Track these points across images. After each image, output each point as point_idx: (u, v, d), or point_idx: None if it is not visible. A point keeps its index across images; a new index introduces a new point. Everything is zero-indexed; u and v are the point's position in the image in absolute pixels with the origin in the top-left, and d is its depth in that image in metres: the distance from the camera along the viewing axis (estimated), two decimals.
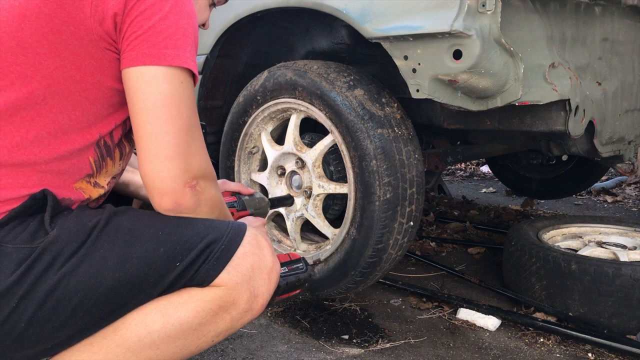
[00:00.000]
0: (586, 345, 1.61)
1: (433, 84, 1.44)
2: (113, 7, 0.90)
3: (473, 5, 1.33)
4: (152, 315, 0.92)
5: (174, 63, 0.92)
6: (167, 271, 0.92)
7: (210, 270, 0.94)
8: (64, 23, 0.90)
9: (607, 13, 1.79)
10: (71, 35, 0.90)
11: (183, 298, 0.94)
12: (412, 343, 1.64)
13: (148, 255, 0.91)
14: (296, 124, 1.77)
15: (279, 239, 1.91)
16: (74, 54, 0.91)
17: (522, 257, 1.85)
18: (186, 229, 0.95)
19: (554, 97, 1.47)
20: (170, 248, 0.92)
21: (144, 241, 0.91)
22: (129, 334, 0.92)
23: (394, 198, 1.58)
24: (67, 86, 0.92)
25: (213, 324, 0.96)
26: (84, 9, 0.90)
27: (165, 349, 0.93)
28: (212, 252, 0.94)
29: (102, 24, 0.91)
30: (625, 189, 4.02)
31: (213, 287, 0.95)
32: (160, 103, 0.90)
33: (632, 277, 1.61)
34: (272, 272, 1.01)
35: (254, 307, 0.99)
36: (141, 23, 0.91)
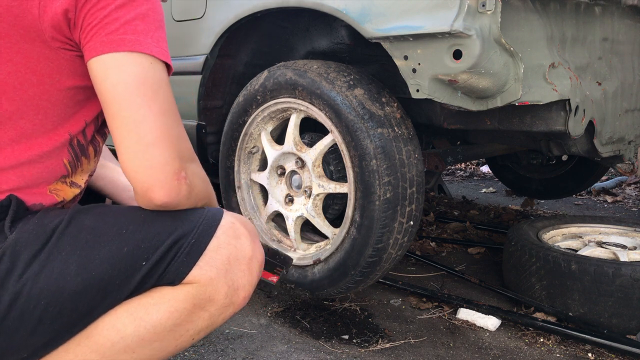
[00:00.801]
0: (586, 345, 1.61)
1: (433, 84, 1.44)
2: (62, 4, 0.85)
3: (473, 5, 1.33)
4: (124, 320, 0.88)
5: (135, 49, 0.85)
6: (132, 272, 0.87)
7: (180, 268, 0.89)
8: (12, 26, 0.86)
9: (607, 13, 1.79)
10: (21, 39, 0.87)
11: (154, 299, 0.89)
12: (412, 343, 1.64)
13: (112, 256, 0.86)
14: (296, 123, 1.77)
15: (279, 238, 1.91)
16: (27, 57, 0.88)
17: (522, 257, 1.85)
18: (153, 225, 0.89)
19: (554, 97, 1.47)
20: (135, 247, 0.87)
21: (107, 241, 0.87)
22: (102, 339, 0.88)
23: (394, 197, 1.58)
24: (24, 91, 0.89)
25: (190, 323, 0.92)
26: (32, 11, 0.86)
27: (141, 352, 0.90)
28: (182, 248, 0.89)
29: (52, 24, 0.86)
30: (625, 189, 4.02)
31: (186, 284, 0.90)
32: (132, 86, 0.84)
33: (632, 277, 1.61)
34: (252, 262, 0.94)
35: (235, 301, 0.94)
36: (96, 13, 0.85)
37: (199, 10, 2.02)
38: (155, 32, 0.90)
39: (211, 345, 1.62)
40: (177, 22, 2.12)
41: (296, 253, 1.83)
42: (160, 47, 0.90)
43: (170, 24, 2.14)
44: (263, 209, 1.93)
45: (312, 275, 1.76)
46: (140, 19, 0.88)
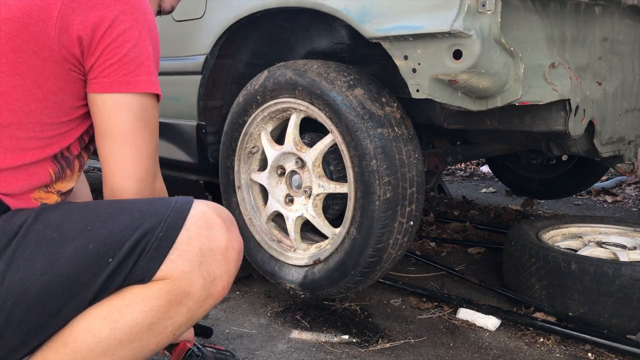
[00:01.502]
0: (586, 345, 1.61)
1: (433, 84, 1.43)
2: (77, 30, 0.90)
3: (473, 5, 1.33)
4: (98, 324, 0.87)
5: (148, 89, 0.95)
6: (98, 269, 0.86)
7: (149, 263, 0.87)
8: (26, 43, 0.89)
9: (607, 13, 1.79)
10: (34, 56, 0.89)
11: (127, 300, 0.88)
12: (412, 343, 1.64)
13: (77, 254, 0.85)
14: (296, 123, 1.77)
15: (279, 238, 1.91)
16: (36, 73, 0.90)
17: (522, 257, 1.85)
18: (119, 220, 0.89)
19: (554, 97, 1.47)
20: (100, 244, 0.86)
21: (72, 238, 0.86)
22: (78, 346, 0.87)
23: (394, 197, 1.58)
24: (27, 105, 0.91)
25: (168, 320, 0.90)
26: (49, 31, 0.89)
27: (121, 353, 0.89)
28: (149, 243, 0.88)
29: (67, 47, 0.90)
30: (625, 189, 4.02)
31: (157, 281, 0.88)
32: (136, 129, 0.94)
33: (632, 277, 1.61)
34: (228, 251, 0.93)
35: (214, 292, 0.92)
36: (115, 51, 0.91)
37: (198, 10, 2.02)
38: (157, 69, 0.99)
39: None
40: (177, 22, 2.12)
41: (296, 253, 1.83)
42: (157, 82, 0.99)
43: (170, 24, 2.14)
44: (263, 209, 1.93)
45: (312, 275, 1.76)
46: (151, 60, 0.96)
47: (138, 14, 0.94)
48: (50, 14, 0.89)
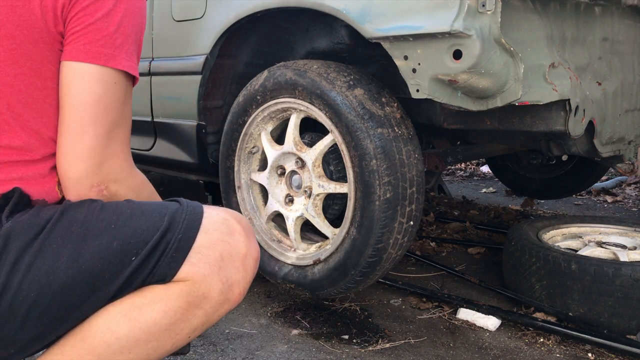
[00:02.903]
0: (586, 345, 1.61)
1: (433, 84, 1.43)
2: (58, 2, 0.88)
3: (473, 5, 1.33)
4: (118, 321, 0.88)
5: (109, 64, 0.90)
6: (122, 267, 0.87)
7: (170, 263, 0.88)
8: (17, 27, 0.87)
9: (607, 13, 1.79)
10: (25, 40, 0.88)
11: (147, 299, 0.89)
12: (412, 343, 1.64)
13: (101, 250, 0.86)
14: (296, 123, 1.77)
15: (279, 238, 1.91)
16: (31, 59, 0.89)
17: (522, 257, 1.85)
18: (141, 220, 0.90)
19: (554, 97, 1.47)
20: (124, 242, 0.87)
21: (97, 235, 0.87)
22: (97, 341, 0.88)
23: (394, 197, 1.58)
24: (29, 94, 0.90)
25: (185, 322, 0.91)
26: (34, 10, 0.87)
27: (137, 352, 0.90)
28: (170, 243, 0.89)
29: (54, 23, 0.89)
30: (625, 189, 4.02)
31: (178, 282, 0.89)
32: (87, 103, 0.89)
33: (632, 277, 1.61)
34: (247, 258, 0.95)
35: (231, 298, 0.93)
36: (83, 19, 0.89)
37: (198, 10, 2.02)
38: (130, 46, 0.94)
39: (211, 345, 1.62)
40: (177, 22, 2.12)
41: (296, 253, 1.83)
42: (131, 60, 0.94)
43: (170, 24, 2.14)
44: (263, 209, 1.93)
45: (312, 275, 1.76)
46: (121, 33, 0.92)
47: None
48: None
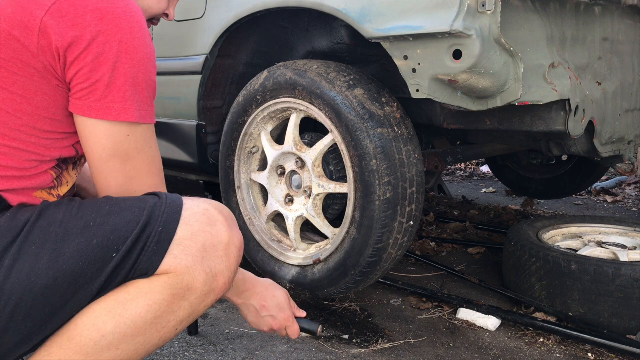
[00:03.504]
0: (586, 345, 1.61)
1: (433, 84, 1.43)
2: (57, 47, 0.88)
3: (473, 5, 1.33)
4: (103, 318, 0.88)
5: (120, 118, 0.92)
6: (103, 264, 0.87)
7: (152, 257, 0.89)
8: (11, 58, 0.88)
9: (607, 13, 1.79)
10: (19, 71, 0.88)
11: (131, 294, 0.89)
12: (412, 343, 1.64)
13: (81, 249, 0.86)
14: (296, 123, 1.77)
15: (279, 239, 1.91)
16: (24, 88, 0.89)
17: (522, 257, 1.85)
18: (119, 216, 0.90)
19: (554, 97, 1.47)
20: (104, 239, 0.87)
21: (76, 234, 0.87)
22: (83, 340, 0.88)
23: (394, 197, 1.58)
24: (17, 118, 0.90)
25: (171, 314, 0.92)
26: (31, 47, 0.88)
27: (125, 348, 0.90)
28: (150, 237, 0.89)
29: (50, 63, 0.89)
30: (625, 189, 4.02)
31: (161, 275, 0.90)
32: (104, 158, 0.93)
33: (632, 277, 1.61)
34: (230, 247, 0.95)
35: (216, 288, 0.94)
36: (87, 75, 0.89)
37: (198, 10, 2.02)
38: (140, 94, 0.94)
39: (211, 345, 1.62)
40: (177, 22, 2.12)
41: (296, 253, 1.83)
42: (143, 109, 0.95)
43: (171, 24, 2.14)
44: (263, 209, 1.93)
45: (312, 275, 1.76)
46: (130, 84, 0.92)
47: (122, 34, 0.90)
48: (31, 30, 0.87)
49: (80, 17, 0.88)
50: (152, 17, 1.15)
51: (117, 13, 0.90)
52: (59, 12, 0.88)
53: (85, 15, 0.88)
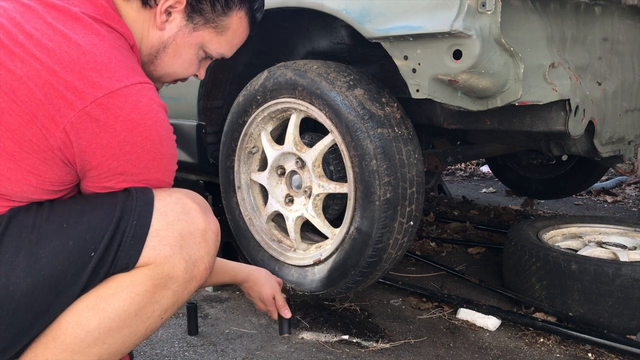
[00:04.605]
0: (586, 345, 1.61)
1: (433, 84, 1.43)
2: (78, 154, 0.88)
3: (473, 5, 1.33)
4: (86, 314, 0.88)
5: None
6: (82, 265, 0.87)
7: (130, 251, 0.89)
8: (28, 141, 0.86)
9: (607, 13, 1.79)
10: (34, 154, 0.87)
11: (112, 288, 0.89)
12: (412, 343, 1.64)
13: (57, 253, 0.86)
14: (296, 123, 1.77)
15: (279, 239, 1.91)
16: (33, 166, 0.88)
17: (522, 257, 1.84)
18: (93, 214, 0.89)
19: (554, 97, 1.47)
20: (79, 239, 0.87)
21: (50, 238, 0.86)
22: (69, 338, 0.88)
23: (394, 198, 1.58)
24: (18, 186, 0.89)
25: (155, 304, 0.92)
26: (52, 141, 0.86)
27: (112, 341, 0.91)
28: (126, 231, 0.89)
29: (70, 160, 0.89)
30: (625, 189, 4.02)
31: (141, 267, 0.90)
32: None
33: (632, 277, 1.61)
34: (207, 233, 0.95)
35: (197, 274, 0.95)
36: (104, 176, 0.91)
37: None
38: (160, 167, 0.95)
39: (211, 346, 1.62)
40: None
41: (296, 253, 1.83)
42: (164, 178, 0.97)
43: None
44: (263, 209, 1.93)
45: (312, 275, 1.76)
46: (144, 165, 0.93)
47: (145, 144, 0.90)
48: (56, 127, 0.85)
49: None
50: (178, 79, 1.14)
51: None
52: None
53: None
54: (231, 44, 1.13)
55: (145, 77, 0.93)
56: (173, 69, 1.09)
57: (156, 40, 1.04)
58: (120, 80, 0.87)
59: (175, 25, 1.04)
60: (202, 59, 1.13)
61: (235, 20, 1.09)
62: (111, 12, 0.97)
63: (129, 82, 0.88)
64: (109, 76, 0.86)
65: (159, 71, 1.09)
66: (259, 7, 1.14)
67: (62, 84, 0.84)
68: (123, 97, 0.86)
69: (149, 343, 1.62)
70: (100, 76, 0.85)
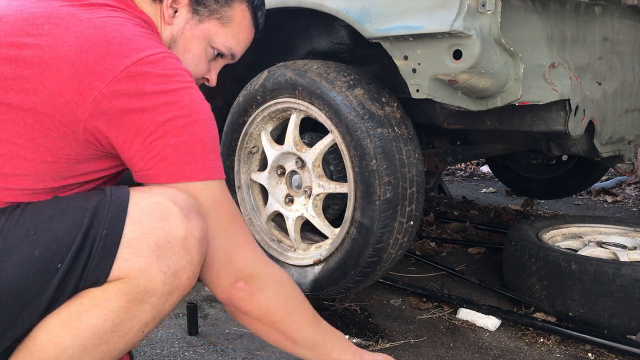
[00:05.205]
0: (586, 345, 1.61)
1: (433, 84, 1.44)
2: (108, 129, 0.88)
3: (473, 5, 1.33)
4: (58, 332, 0.83)
5: (194, 178, 0.91)
6: (48, 276, 0.81)
7: (100, 264, 0.82)
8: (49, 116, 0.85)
9: (607, 13, 1.79)
10: (54, 129, 0.86)
11: (84, 305, 0.84)
12: (412, 343, 1.64)
13: (23, 262, 0.80)
14: (296, 123, 1.77)
15: (279, 238, 1.91)
16: (51, 143, 0.86)
17: (522, 257, 1.84)
18: (61, 220, 0.83)
19: (554, 97, 1.47)
20: (45, 249, 0.81)
21: (17, 245, 0.81)
22: (44, 355, 0.84)
23: (394, 197, 1.58)
24: (34, 165, 0.87)
25: (132, 319, 0.86)
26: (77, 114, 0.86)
27: (88, 358, 0.86)
28: (95, 242, 0.82)
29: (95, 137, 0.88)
30: (625, 189, 4.02)
31: (114, 281, 0.83)
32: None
33: (632, 277, 1.61)
34: (188, 241, 0.87)
35: (179, 285, 0.87)
36: (156, 142, 0.89)
37: None
38: (213, 152, 0.93)
39: (211, 346, 1.62)
40: None
41: (296, 253, 1.83)
42: (216, 165, 0.94)
43: None
44: (263, 209, 1.93)
45: (312, 275, 1.76)
46: (200, 145, 0.91)
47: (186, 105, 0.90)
48: (84, 99, 0.85)
49: None
50: None
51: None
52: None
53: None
54: (237, 37, 1.14)
55: (171, 51, 0.95)
56: (184, 64, 1.07)
57: (167, 34, 1.07)
58: (147, 49, 0.89)
59: (182, 19, 1.07)
60: (211, 58, 1.14)
61: (239, 12, 1.12)
62: (132, 4, 1.02)
63: (156, 51, 0.90)
64: (137, 47, 0.89)
65: None
66: (259, 3, 1.17)
67: (91, 61, 0.86)
68: (151, 63, 0.88)
69: (149, 343, 1.62)
70: (129, 47, 0.88)
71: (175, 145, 0.89)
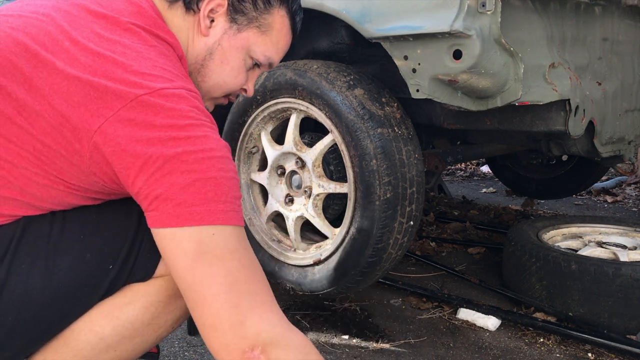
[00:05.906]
0: (586, 345, 1.61)
1: (433, 84, 1.43)
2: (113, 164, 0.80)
3: (473, 5, 1.33)
4: (100, 321, 0.88)
5: (202, 222, 0.78)
6: (100, 278, 0.86)
7: (147, 264, 0.89)
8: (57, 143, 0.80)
9: (607, 13, 1.79)
10: (61, 158, 0.81)
11: (127, 297, 0.89)
12: (412, 343, 1.64)
13: (75, 265, 0.84)
14: (296, 123, 1.77)
15: (279, 239, 1.91)
16: (59, 171, 0.82)
17: (522, 257, 1.84)
18: (110, 225, 0.88)
19: (554, 97, 1.47)
20: (98, 252, 0.86)
21: (67, 248, 0.84)
22: (80, 344, 0.88)
23: (394, 197, 1.58)
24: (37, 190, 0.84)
25: (168, 314, 0.92)
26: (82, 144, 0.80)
27: (122, 349, 0.91)
28: (143, 243, 0.88)
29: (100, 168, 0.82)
30: (625, 189, 4.02)
31: (157, 278, 0.90)
32: (190, 263, 0.78)
33: (632, 277, 1.61)
34: None
35: None
36: (160, 181, 0.78)
37: None
38: (227, 194, 0.81)
39: None
40: None
41: (296, 253, 1.83)
42: (231, 209, 0.81)
43: None
44: (263, 209, 1.93)
45: (312, 275, 1.76)
46: (212, 184, 0.80)
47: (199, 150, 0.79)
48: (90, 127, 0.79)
49: None
50: (228, 93, 1.08)
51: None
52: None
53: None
54: (277, 45, 1.07)
55: (192, 86, 0.87)
56: (222, 77, 1.02)
57: (202, 47, 0.99)
58: (164, 82, 0.82)
59: (220, 29, 0.98)
60: (249, 68, 1.07)
61: (278, 18, 1.04)
62: (159, 22, 0.93)
63: (172, 85, 0.82)
64: (152, 79, 0.81)
65: (208, 81, 1.02)
66: (297, 8, 1.09)
67: (102, 87, 0.79)
68: (164, 96, 0.80)
69: None
70: (144, 78, 0.80)
71: (184, 184, 0.78)
